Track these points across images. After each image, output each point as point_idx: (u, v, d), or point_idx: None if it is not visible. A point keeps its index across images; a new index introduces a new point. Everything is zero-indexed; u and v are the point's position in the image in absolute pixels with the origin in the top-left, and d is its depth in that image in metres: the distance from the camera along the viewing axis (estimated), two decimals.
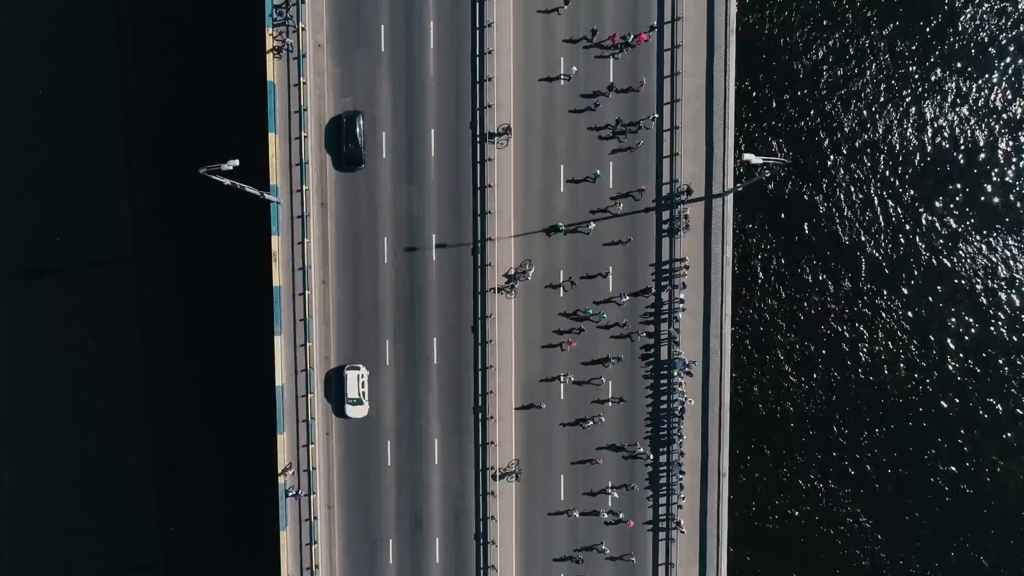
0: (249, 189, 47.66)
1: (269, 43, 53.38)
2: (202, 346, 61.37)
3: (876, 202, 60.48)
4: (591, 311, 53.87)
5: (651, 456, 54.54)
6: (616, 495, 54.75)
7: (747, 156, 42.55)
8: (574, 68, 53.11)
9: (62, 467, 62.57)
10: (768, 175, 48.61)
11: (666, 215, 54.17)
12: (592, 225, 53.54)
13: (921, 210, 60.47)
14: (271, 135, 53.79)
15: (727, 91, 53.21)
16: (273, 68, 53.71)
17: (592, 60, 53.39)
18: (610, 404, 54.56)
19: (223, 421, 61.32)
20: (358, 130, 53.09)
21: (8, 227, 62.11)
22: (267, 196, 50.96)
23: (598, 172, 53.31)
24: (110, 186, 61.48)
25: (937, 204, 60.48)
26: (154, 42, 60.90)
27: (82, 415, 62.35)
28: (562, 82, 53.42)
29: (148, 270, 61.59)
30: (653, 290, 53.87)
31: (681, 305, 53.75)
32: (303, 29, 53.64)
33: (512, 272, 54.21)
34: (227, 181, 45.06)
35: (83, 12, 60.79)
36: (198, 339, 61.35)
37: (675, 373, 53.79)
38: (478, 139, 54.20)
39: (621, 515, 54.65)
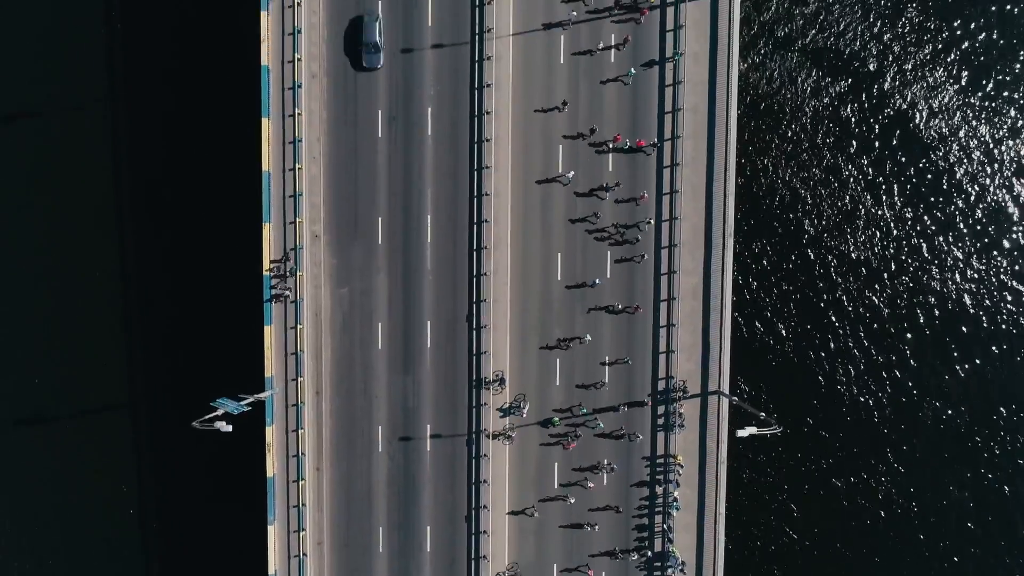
0: (244, 404, 47.55)
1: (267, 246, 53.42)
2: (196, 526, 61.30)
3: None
4: (584, 409, 53.77)
5: None
6: None
7: (740, 432, 42.50)
8: (571, 173, 52.89)
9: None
10: (764, 423, 48.49)
11: (661, 409, 54.10)
12: (588, 337, 53.43)
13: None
14: (267, 328, 53.71)
15: (724, 296, 53.19)
16: (268, 256, 53.60)
17: (592, 157, 53.23)
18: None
19: None
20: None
21: None
22: (260, 397, 50.88)
23: (596, 280, 53.12)
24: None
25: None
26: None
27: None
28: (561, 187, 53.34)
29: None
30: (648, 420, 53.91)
31: (675, 503, 53.68)
32: (300, 221, 53.59)
33: (507, 406, 54.00)
34: (222, 411, 45.09)
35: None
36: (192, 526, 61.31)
37: (668, 572, 53.78)
38: (474, 330, 54.14)
39: None
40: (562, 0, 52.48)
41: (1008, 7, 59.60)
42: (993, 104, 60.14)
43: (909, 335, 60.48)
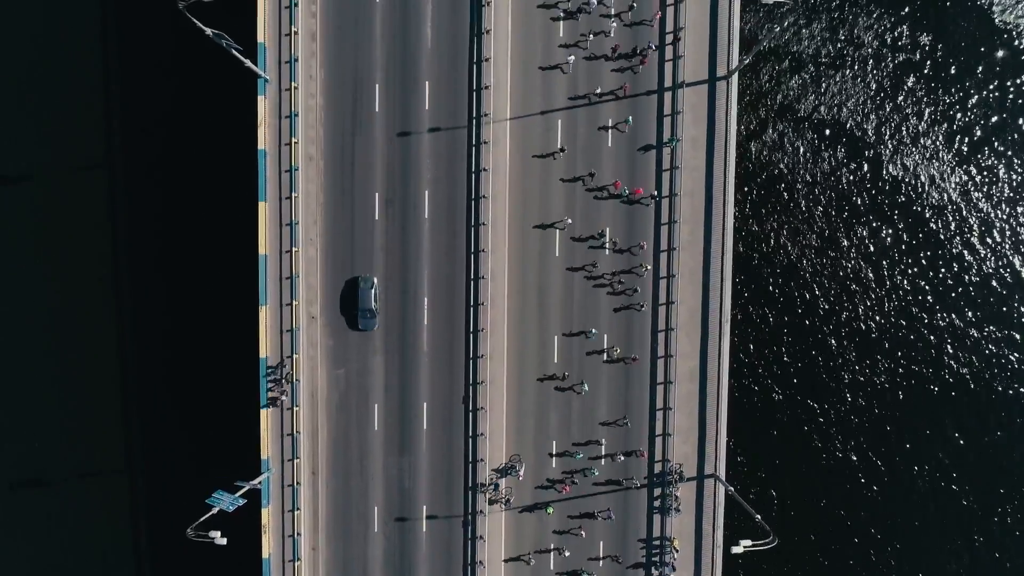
0: (239, 496, 47.55)
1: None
2: None
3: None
4: (579, 454, 53.56)
5: None
6: None
7: (735, 548, 42.43)
8: (568, 219, 52.83)
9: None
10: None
11: (657, 491, 54.07)
12: (585, 386, 53.24)
13: None
14: (263, 411, 53.74)
15: (720, 382, 53.18)
16: (266, 345, 53.61)
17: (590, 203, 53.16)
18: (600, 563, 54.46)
19: None
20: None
21: None
22: (255, 484, 50.89)
23: (593, 330, 52.97)
24: None
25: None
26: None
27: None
28: (557, 233, 53.24)
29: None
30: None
31: None
32: (296, 304, 53.62)
33: (502, 467, 53.95)
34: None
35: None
36: None
37: None
38: (470, 412, 54.17)
39: None
40: (560, 45, 52.40)
41: (1008, 81, 59.60)
42: (991, 174, 60.06)
43: (908, 405, 60.37)
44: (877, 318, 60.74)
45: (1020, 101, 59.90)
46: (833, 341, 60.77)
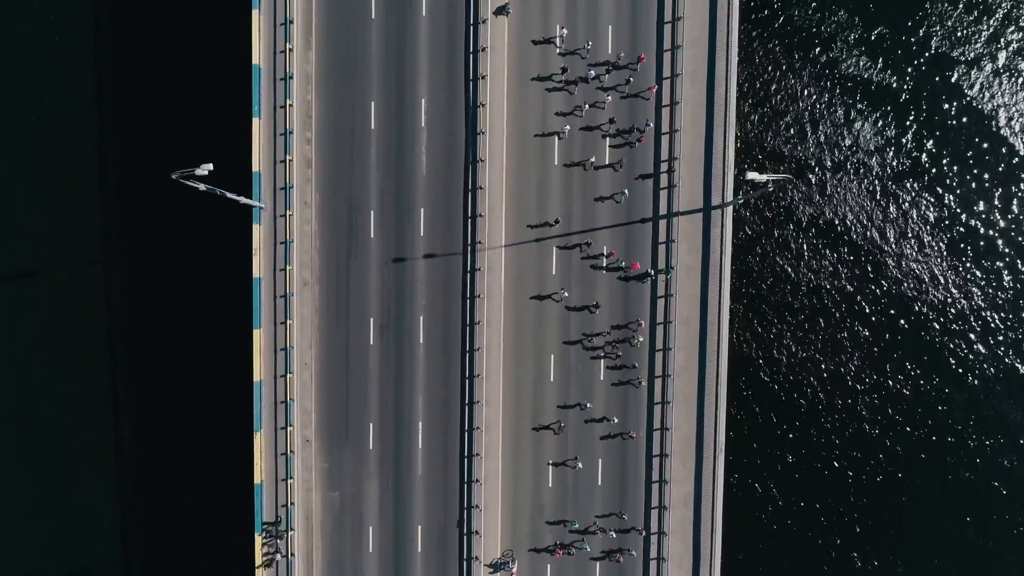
0: None
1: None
2: None
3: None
4: (576, 524, 53.41)
5: None
6: None
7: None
8: (565, 292, 52.74)
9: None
10: None
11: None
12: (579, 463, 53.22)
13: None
14: (257, 536, 53.73)
15: (715, 509, 53.20)
16: (260, 469, 53.61)
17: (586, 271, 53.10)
18: None
19: None
20: None
21: None
22: None
23: (588, 404, 52.91)
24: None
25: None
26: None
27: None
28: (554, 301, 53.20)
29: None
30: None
31: None
32: (291, 426, 53.66)
33: (496, 562, 53.94)
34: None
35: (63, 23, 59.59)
36: None
37: None
38: (464, 535, 54.16)
39: None
40: (556, 113, 52.49)
41: (1009, 192, 59.59)
42: (992, 283, 60.04)
43: (910, 508, 60.25)
44: (879, 417, 60.59)
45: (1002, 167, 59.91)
46: (836, 439, 60.50)
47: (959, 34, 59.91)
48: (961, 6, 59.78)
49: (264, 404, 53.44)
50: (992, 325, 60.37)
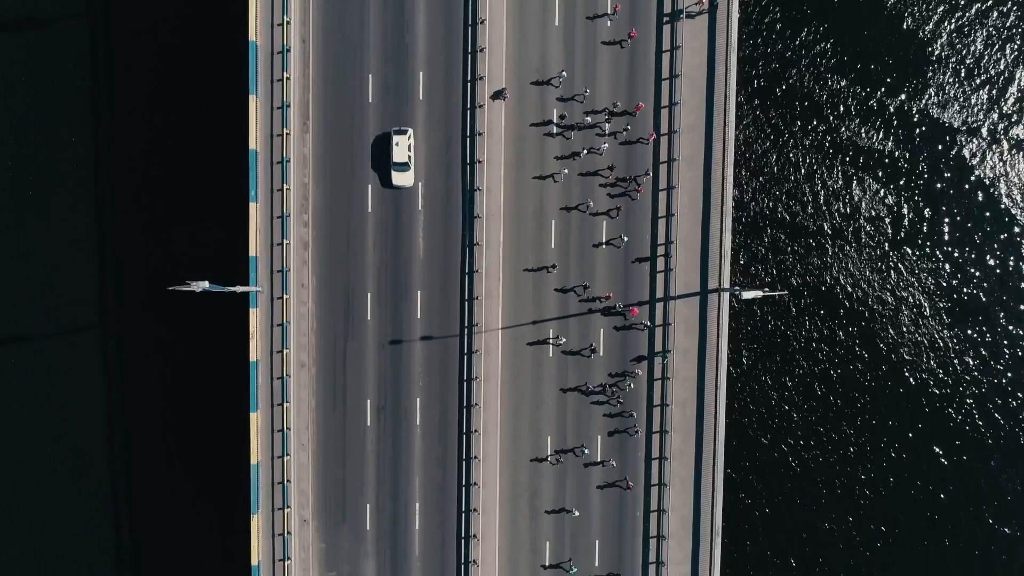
0: None
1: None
2: None
3: None
4: (575, 568, 53.43)
5: None
6: None
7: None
8: (562, 339, 52.79)
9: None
10: None
11: None
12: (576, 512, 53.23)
13: None
14: None
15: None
16: (258, 550, 53.71)
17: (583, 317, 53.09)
18: None
19: None
20: None
21: None
22: None
23: (585, 450, 52.90)
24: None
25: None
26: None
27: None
28: (550, 351, 53.20)
29: None
30: None
31: None
32: (289, 507, 53.75)
33: None
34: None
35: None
36: None
37: None
38: None
39: None
40: (555, 157, 52.53)
41: (1006, 260, 59.38)
42: (990, 350, 59.86)
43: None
44: (881, 490, 60.40)
45: (1019, 279, 59.72)
46: (836, 520, 60.54)
47: (958, 102, 59.74)
48: (960, 75, 59.61)
49: (262, 485, 53.51)
50: (989, 391, 60.16)
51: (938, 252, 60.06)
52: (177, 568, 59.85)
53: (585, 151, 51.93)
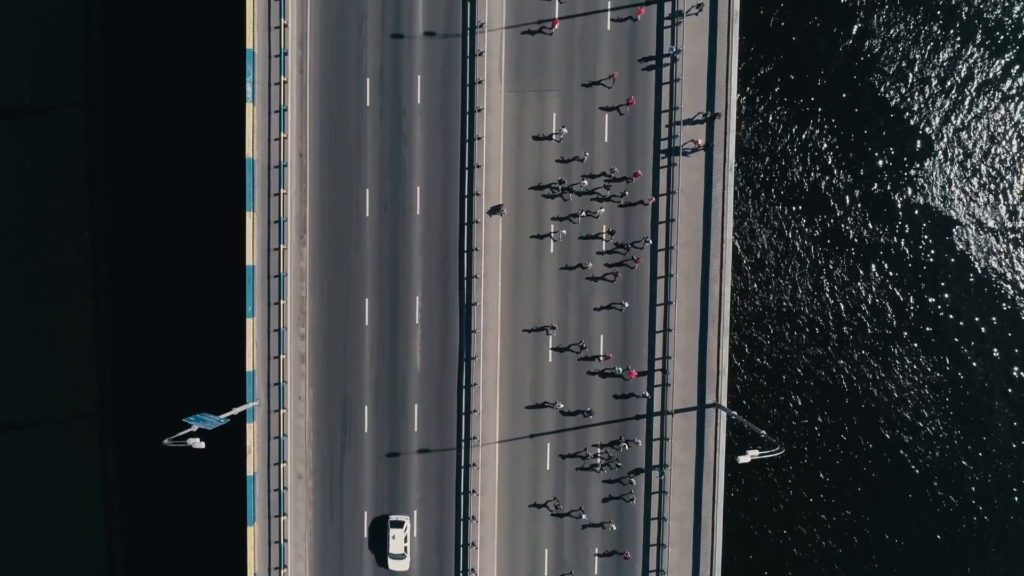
0: None
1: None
2: None
3: None
4: None
5: None
6: None
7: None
8: (560, 404, 52.65)
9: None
10: None
11: None
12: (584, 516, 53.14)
13: None
14: None
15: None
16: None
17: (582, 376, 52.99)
18: None
19: None
20: None
21: None
22: None
23: (584, 515, 52.79)
24: None
25: None
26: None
27: None
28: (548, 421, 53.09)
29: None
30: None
31: None
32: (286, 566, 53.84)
33: None
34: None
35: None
36: None
37: None
38: None
39: None
40: (552, 218, 52.34)
41: (1011, 356, 59.15)
42: (993, 452, 59.70)
43: None
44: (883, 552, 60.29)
45: (1010, 334, 59.46)
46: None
47: (959, 195, 59.48)
48: (956, 168, 59.38)
49: None
50: (998, 487, 59.96)
51: (943, 346, 59.72)
52: None
53: (584, 214, 51.76)
